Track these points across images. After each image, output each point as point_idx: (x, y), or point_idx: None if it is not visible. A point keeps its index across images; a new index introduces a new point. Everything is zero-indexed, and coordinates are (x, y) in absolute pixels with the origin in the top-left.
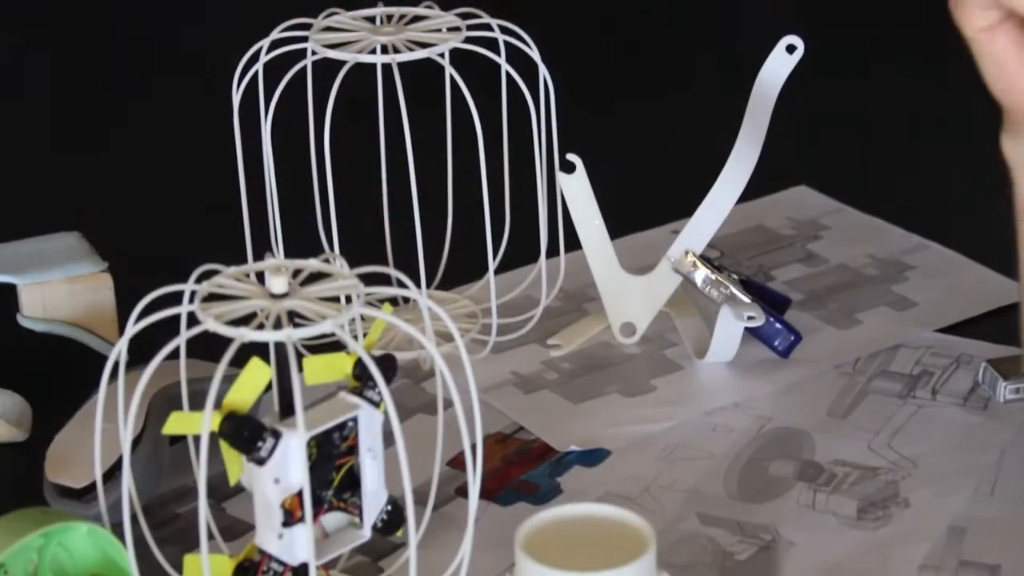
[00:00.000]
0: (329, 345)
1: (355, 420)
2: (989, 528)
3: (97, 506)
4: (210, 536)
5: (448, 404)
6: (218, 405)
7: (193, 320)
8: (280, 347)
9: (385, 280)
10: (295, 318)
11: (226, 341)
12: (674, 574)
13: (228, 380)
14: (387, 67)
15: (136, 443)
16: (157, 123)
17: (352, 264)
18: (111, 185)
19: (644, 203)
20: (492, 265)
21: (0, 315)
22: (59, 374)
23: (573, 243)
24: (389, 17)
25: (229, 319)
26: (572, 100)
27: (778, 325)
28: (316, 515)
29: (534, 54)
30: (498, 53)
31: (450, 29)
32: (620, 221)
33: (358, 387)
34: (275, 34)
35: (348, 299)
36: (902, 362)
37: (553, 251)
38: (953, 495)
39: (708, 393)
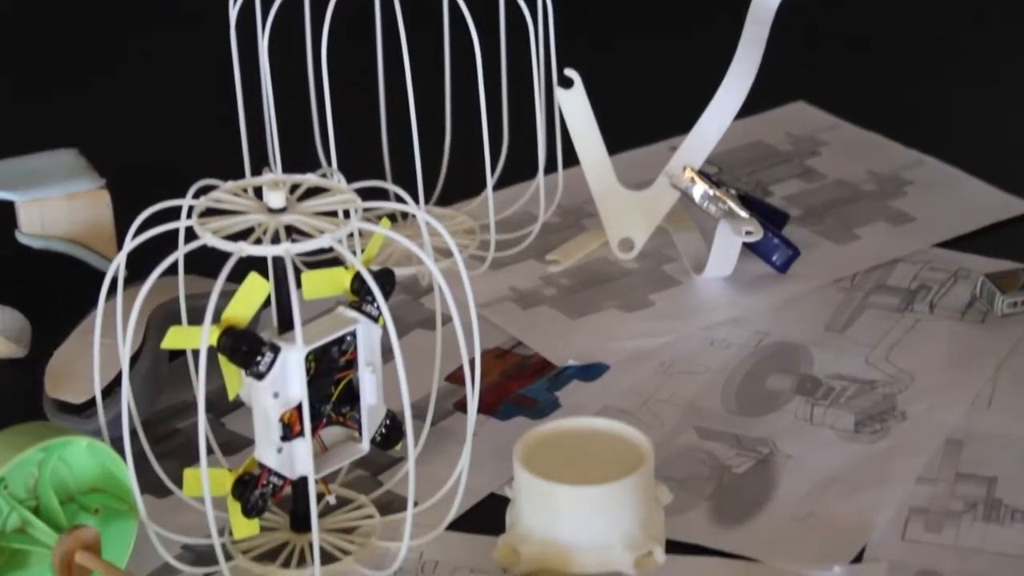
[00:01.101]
0: (327, 262)
1: (353, 334)
2: (986, 441)
3: (96, 421)
4: (209, 451)
5: (446, 319)
6: (216, 320)
7: (191, 235)
8: (278, 262)
9: (383, 196)
10: (293, 233)
11: (224, 257)
12: (672, 487)
13: (226, 296)
14: None
15: (135, 359)
16: (157, 42)
17: (350, 180)
18: (110, 103)
19: (642, 119)
20: (490, 181)
21: None
22: (58, 291)
23: (571, 159)
24: None
25: (227, 234)
26: (569, 36)
27: (776, 240)
28: (315, 429)
29: None
30: None
31: None
32: (618, 137)
33: (356, 302)
34: None
35: (346, 214)
36: (900, 276)
37: (551, 167)
38: (950, 408)
39: (706, 308)
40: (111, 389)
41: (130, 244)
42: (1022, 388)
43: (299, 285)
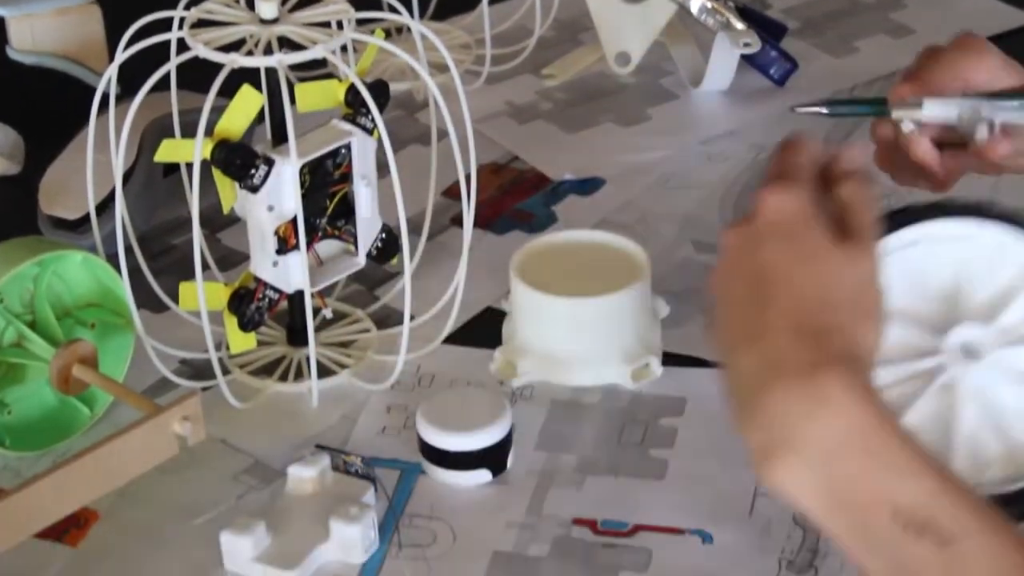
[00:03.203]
0: (321, 77)
1: (348, 147)
2: None
3: (92, 237)
4: (205, 266)
5: (442, 134)
6: (210, 133)
7: (183, 47)
8: (271, 73)
9: (377, 7)
10: (285, 44)
11: (216, 70)
12: (669, 300)
13: (219, 111)
14: None
15: (129, 174)
16: None
17: None
18: None
19: None
20: None
21: None
22: (51, 107)
23: None
24: None
25: (219, 45)
26: None
27: (774, 53)
28: (310, 242)
29: None
30: None
31: None
32: None
33: (351, 114)
34: None
35: (339, 25)
36: None
37: None
38: None
39: (703, 121)
40: (106, 205)
41: (121, 56)
42: (1022, 194)
43: (292, 99)
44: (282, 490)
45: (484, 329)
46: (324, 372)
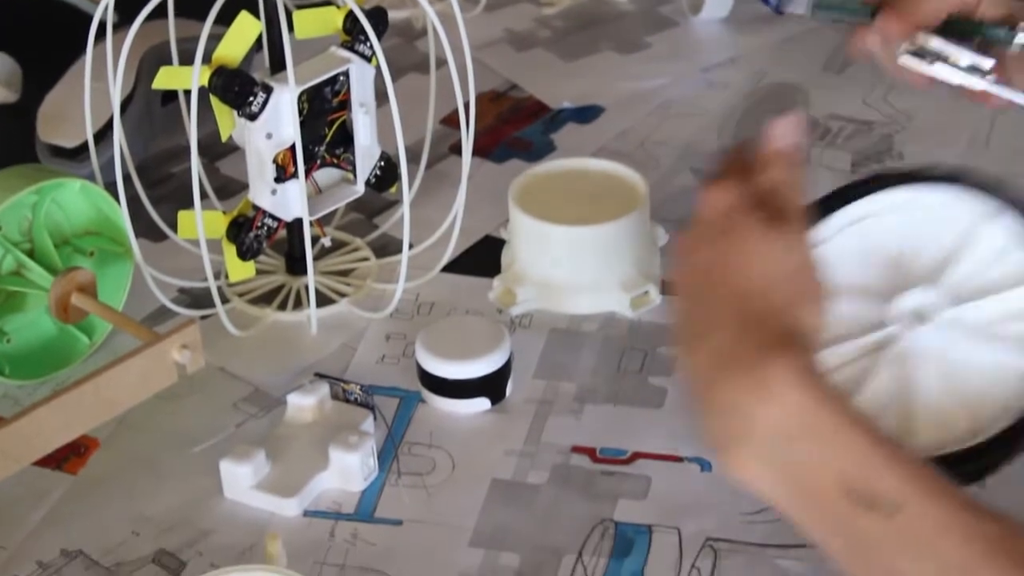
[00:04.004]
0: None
1: (346, 74)
2: None
3: (90, 165)
4: (204, 194)
5: (441, 62)
6: (208, 60)
7: None
8: (269, 0)
9: None
10: None
11: None
12: (668, 228)
13: (217, 39)
14: None
15: (127, 103)
16: None
17: None
18: None
19: None
20: None
21: None
22: (48, 35)
23: None
24: None
25: None
26: None
27: None
28: (309, 170)
29: None
30: None
31: None
32: None
33: (349, 41)
34: None
35: None
36: None
37: None
38: (947, 147)
39: (703, 49)
40: (104, 133)
41: None
42: (1021, 129)
43: (291, 26)
44: (281, 418)
45: (483, 257)
46: (323, 301)
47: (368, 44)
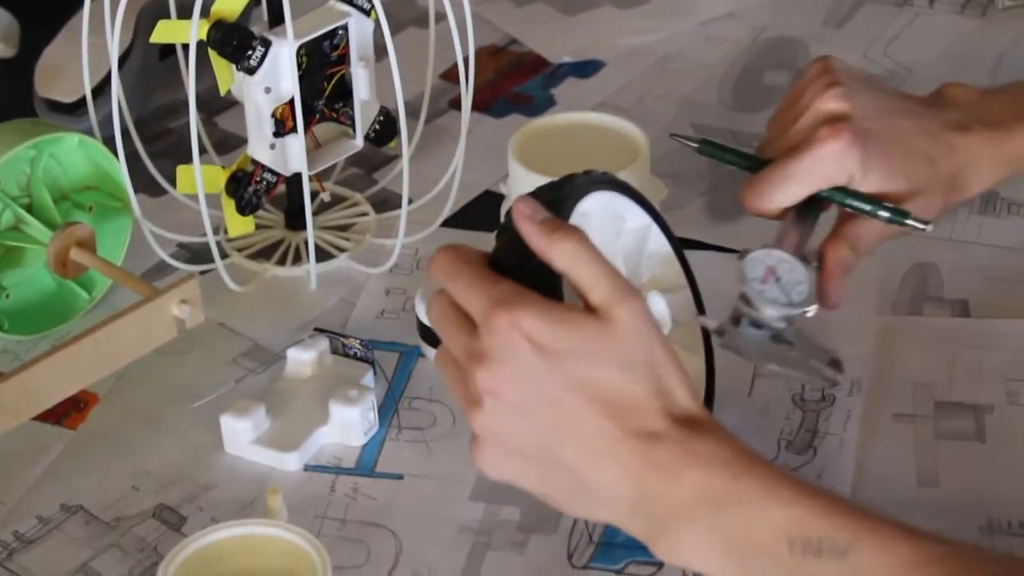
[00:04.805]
0: None
1: (345, 28)
2: None
3: (88, 120)
4: (203, 149)
5: (440, 16)
6: (206, 14)
7: None
8: None
9: None
10: None
11: None
12: (668, 183)
13: None
14: None
15: (125, 57)
16: None
17: None
18: None
19: None
20: None
21: None
22: None
23: None
24: None
25: None
26: None
27: None
28: (308, 125)
29: None
30: None
31: None
32: None
33: None
34: None
35: None
36: None
37: None
38: None
39: (702, 3)
40: (102, 88)
41: None
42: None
43: None
44: (281, 373)
45: (482, 212)
46: (322, 256)
47: None
